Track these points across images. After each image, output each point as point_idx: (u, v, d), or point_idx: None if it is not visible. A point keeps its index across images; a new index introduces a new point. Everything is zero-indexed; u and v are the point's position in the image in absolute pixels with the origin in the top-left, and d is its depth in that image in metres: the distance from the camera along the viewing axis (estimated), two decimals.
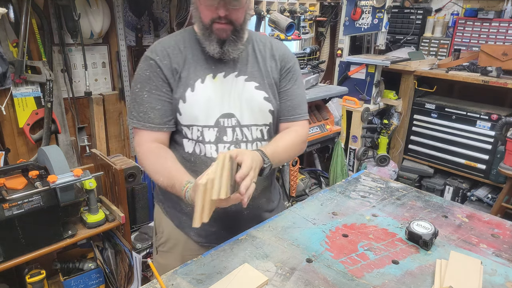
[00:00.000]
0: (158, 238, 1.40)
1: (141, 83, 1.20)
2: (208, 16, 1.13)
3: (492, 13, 3.29)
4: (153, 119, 1.19)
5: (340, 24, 3.35)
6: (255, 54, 1.27)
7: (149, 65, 1.20)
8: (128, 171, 2.08)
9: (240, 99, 1.22)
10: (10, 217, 1.52)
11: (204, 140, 1.20)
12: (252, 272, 0.95)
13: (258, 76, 1.25)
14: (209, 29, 1.15)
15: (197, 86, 1.19)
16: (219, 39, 1.16)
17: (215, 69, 1.21)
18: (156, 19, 2.48)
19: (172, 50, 1.20)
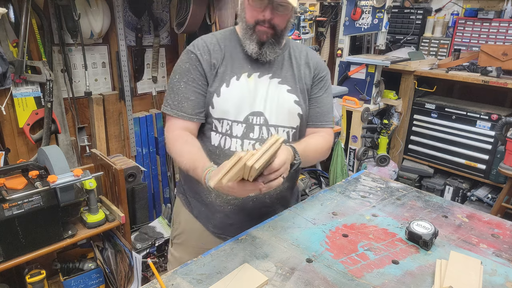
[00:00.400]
0: (174, 229, 1.48)
1: (179, 74, 1.27)
2: (253, 17, 1.20)
3: (492, 13, 3.29)
4: (186, 109, 1.25)
5: (340, 24, 3.35)
6: (290, 59, 1.34)
7: (189, 58, 1.27)
8: (128, 171, 2.08)
9: (271, 100, 1.28)
10: (10, 217, 1.52)
11: (232, 134, 1.26)
12: (252, 272, 0.95)
13: (291, 80, 1.32)
14: (252, 29, 1.22)
15: (232, 83, 1.25)
16: (259, 41, 1.22)
17: (251, 69, 1.28)
18: (156, 19, 2.48)
19: (213, 47, 1.28)
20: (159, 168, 2.76)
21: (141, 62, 2.51)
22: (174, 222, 1.49)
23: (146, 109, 2.64)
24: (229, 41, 1.31)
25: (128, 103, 2.43)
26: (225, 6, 2.33)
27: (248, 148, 1.25)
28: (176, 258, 1.45)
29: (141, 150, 2.61)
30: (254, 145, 1.26)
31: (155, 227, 2.35)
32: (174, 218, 1.49)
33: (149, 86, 2.61)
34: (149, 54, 2.53)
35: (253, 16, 1.20)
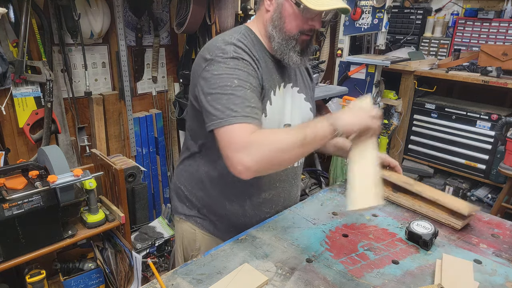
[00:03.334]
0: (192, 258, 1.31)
1: (239, 79, 1.03)
2: (298, 27, 1.11)
3: (492, 13, 3.29)
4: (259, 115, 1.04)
5: (340, 24, 3.35)
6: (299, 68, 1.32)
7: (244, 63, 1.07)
8: (128, 171, 2.08)
9: (295, 111, 1.26)
10: (10, 217, 1.52)
11: None
12: (252, 272, 0.95)
13: (304, 88, 1.31)
14: (295, 39, 1.13)
15: (273, 99, 1.17)
16: (301, 49, 1.15)
17: (279, 79, 1.21)
18: (156, 19, 2.48)
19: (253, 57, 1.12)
20: (159, 168, 2.76)
21: (141, 62, 2.51)
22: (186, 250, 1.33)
23: (146, 109, 2.64)
24: (257, 48, 1.17)
25: (128, 103, 2.42)
26: (225, 6, 2.33)
27: None
28: None
29: (141, 150, 2.61)
30: None
31: (155, 227, 2.36)
32: (186, 246, 1.33)
33: (149, 86, 2.61)
34: (149, 54, 2.53)
35: (298, 26, 1.11)
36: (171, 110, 2.70)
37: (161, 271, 2.27)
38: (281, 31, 1.13)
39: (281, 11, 1.12)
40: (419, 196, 1.32)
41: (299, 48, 1.14)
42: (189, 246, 1.33)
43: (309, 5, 1.04)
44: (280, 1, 1.12)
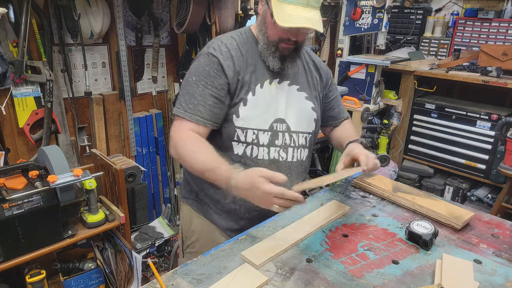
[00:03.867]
0: (186, 239, 1.41)
1: (197, 76, 1.21)
2: (277, 35, 1.18)
3: (492, 13, 3.29)
4: (202, 113, 1.19)
5: (340, 24, 3.35)
6: (304, 66, 1.37)
7: (211, 61, 1.21)
8: (128, 171, 2.08)
9: (292, 107, 1.30)
10: (10, 217, 1.52)
11: (258, 143, 1.25)
12: (252, 272, 0.95)
13: (307, 87, 1.35)
14: (275, 46, 1.20)
15: (257, 91, 1.24)
16: (282, 56, 1.22)
17: (271, 75, 1.27)
18: (156, 19, 2.48)
19: (235, 53, 1.23)
20: (159, 168, 2.76)
21: (141, 62, 2.51)
22: (184, 231, 1.42)
23: (146, 109, 2.64)
24: (249, 46, 1.27)
25: (128, 103, 2.43)
26: (225, 6, 2.33)
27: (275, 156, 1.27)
28: None
29: (141, 150, 2.61)
30: (279, 152, 1.28)
31: (155, 227, 2.35)
32: (185, 227, 1.42)
33: (149, 86, 2.61)
34: (149, 54, 2.53)
35: (276, 34, 1.18)
36: (171, 110, 2.70)
37: (161, 271, 2.27)
38: (264, 36, 1.22)
39: (264, 17, 1.20)
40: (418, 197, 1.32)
41: (279, 54, 1.22)
42: (186, 228, 1.41)
43: (277, 20, 1.11)
44: (264, 8, 1.20)
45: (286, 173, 1.30)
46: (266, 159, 1.26)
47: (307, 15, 1.11)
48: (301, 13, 1.10)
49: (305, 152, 1.37)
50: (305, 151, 1.36)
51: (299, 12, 1.10)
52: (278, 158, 1.28)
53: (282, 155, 1.29)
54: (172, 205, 2.81)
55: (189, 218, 1.40)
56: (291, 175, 1.33)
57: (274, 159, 1.28)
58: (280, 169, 1.30)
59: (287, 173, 1.31)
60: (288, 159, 1.31)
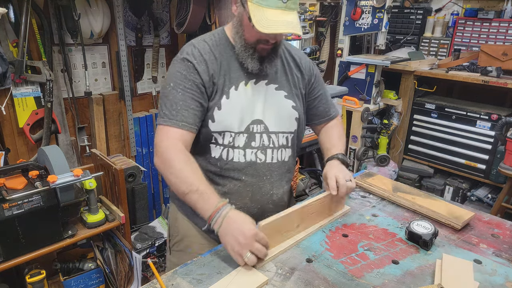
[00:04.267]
0: (172, 236, 1.41)
1: (174, 81, 1.19)
2: (255, 37, 1.16)
3: (492, 13, 3.29)
4: (186, 118, 1.16)
5: (340, 24, 3.35)
6: (283, 64, 1.33)
7: (186, 65, 1.20)
8: (128, 171, 2.08)
9: (270, 107, 1.27)
10: (10, 217, 1.52)
11: (234, 145, 1.23)
12: (252, 272, 0.95)
13: (287, 85, 1.32)
14: (253, 48, 1.18)
15: (232, 94, 1.22)
16: (260, 57, 1.20)
17: (247, 76, 1.25)
18: (156, 19, 2.48)
19: (209, 57, 1.21)
20: None
21: (141, 62, 2.51)
22: (171, 229, 1.43)
23: (146, 109, 2.64)
24: (222, 48, 1.25)
25: (128, 103, 2.43)
26: (225, 6, 2.33)
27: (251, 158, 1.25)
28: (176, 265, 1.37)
29: (141, 150, 2.61)
30: (256, 153, 1.26)
31: (155, 227, 2.35)
32: (171, 225, 1.42)
33: (149, 86, 2.61)
34: (149, 54, 2.53)
35: (255, 37, 1.16)
36: None
37: (161, 271, 2.27)
38: (240, 38, 1.19)
39: (241, 20, 1.18)
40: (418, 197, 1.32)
41: (257, 55, 1.20)
42: (173, 227, 1.41)
43: (257, 26, 1.08)
44: (240, 10, 1.17)
45: (266, 175, 1.29)
46: (242, 161, 1.24)
47: (287, 18, 1.09)
48: (280, 17, 1.08)
49: (287, 152, 1.33)
50: (287, 151, 1.33)
51: (279, 17, 1.08)
52: (255, 160, 1.25)
53: (260, 157, 1.26)
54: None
55: (175, 217, 1.40)
56: (272, 177, 1.30)
57: (251, 161, 1.25)
58: (259, 171, 1.27)
59: (267, 175, 1.29)
60: (267, 160, 1.28)
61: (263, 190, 1.29)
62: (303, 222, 1.15)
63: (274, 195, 1.31)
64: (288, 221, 1.09)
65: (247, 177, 1.26)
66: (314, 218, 1.19)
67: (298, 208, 1.11)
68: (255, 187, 1.27)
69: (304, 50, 3.04)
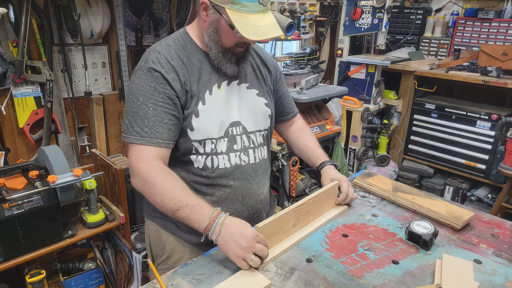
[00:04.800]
0: (157, 257, 1.33)
1: (144, 95, 1.10)
2: (233, 42, 1.12)
3: (492, 13, 3.29)
4: (161, 134, 1.09)
5: (340, 24, 3.35)
6: (250, 62, 1.29)
7: (154, 76, 1.11)
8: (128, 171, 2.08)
9: (245, 107, 1.25)
10: (10, 217, 1.52)
11: (217, 152, 1.19)
12: (254, 275, 0.94)
13: (257, 84, 1.30)
14: (230, 52, 1.15)
15: (207, 98, 1.17)
16: (237, 59, 1.18)
17: (219, 78, 1.20)
18: (156, 19, 2.48)
19: (176, 63, 1.14)
20: None
21: None
22: (153, 249, 1.33)
23: None
24: (189, 51, 1.18)
25: None
26: None
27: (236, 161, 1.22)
28: None
29: None
30: (240, 156, 1.23)
31: None
32: (154, 245, 1.33)
33: None
34: None
35: (232, 41, 1.11)
36: None
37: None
38: (217, 44, 1.13)
39: (217, 27, 1.11)
40: (418, 197, 1.32)
41: (235, 59, 1.17)
42: (155, 246, 1.33)
43: (243, 33, 1.03)
44: (215, 17, 1.09)
45: (252, 176, 1.27)
46: (228, 166, 1.21)
47: (269, 21, 1.07)
48: (263, 22, 1.06)
49: (265, 149, 1.33)
50: (264, 148, 1.33)
51: (262, 21, 1.05)
52: (240, 162, 1.23)
53: (244, 159, 1.24)
54: None
55: (157, 236, 1.31)
56: (257, 177, 1.29)
57: (237, 165, 1.23)
58: (245, 173, 1.25)
59: (253, 176, 1.27)
60: (251, 161, 1.26)
61: (252, 192, 1.28)
62: (298, 221, 1.15)
63: (261, 194, 1.31)
64: (284, 221, 1.09)
65: (235, 181, 1.23)
66: (308, 217, 1.19)
67: (294, 207, 1.11)
68: (244, 190, 1.26)
69: (304, 50, 3.04)
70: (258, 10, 1.05)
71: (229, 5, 1.03)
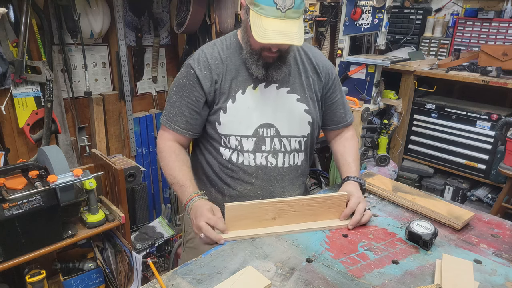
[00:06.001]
0: (187, 234, 1.46)
1: (177, 87, 1.28)
2: (259, 45, 1.15)
3: (492, 13, 3.29)
4: (179, 123, 1.28)
5: (340, 24, 3.35)
6: (297, 66, 1.31)
7: (187, 73, 1.26)
8: (128, 171, 2.08)
9: (281, 111, 1.27)
10: (10, 217, 1.52)
11: (243, 149, 1.25)
12: (255, 275, 0.94)
13: (300, 89, 1.30)
14: (258, 54, 1.18)
15: (238, 97, 1.23)
16: (266, 63, 1.19)
17: (256, 79, 1.24)
18: (156, 19, 2.48)
19: (214, 61, 1.25)
20: (159, 168, 2.76)
21: (141, 62, 2.51)
22: (186, 226, 1.47)
23: (146, 109, 2.64)
24: (232, 51, 1.26)
25: (128, 103, 2.43)
26: (225, 6, 2.33)
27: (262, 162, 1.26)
28: None
29: (141, 150, 2.61)
30: (266, 157, 1.26)
31: (155, 227, 2.35)
32: (186, 221, 1.46)
33: (149, 86, 2.61)
34: (149, 54, 2.53)
35: (258, 44, 1.14)
36: None
37: (161, 271, 2.27)
38: (246, 44, 1.21)
39: (246, 27, 1.17)
40: (418, 197, 1.32)
41: (262, 62, 1.19)
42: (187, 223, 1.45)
43: (254, 34, 1.08)
44: (245, 17, 1.16)
45: (277, 179, 1.30)
46: (252, 165, 1.26)
47: (284, 28, 1.06)
48: (278, 27, 1.06)
49: (300, 156, 1.33)
50: (300, 155, 1.33)
51: (276, 26, 1.06)
52: (266, 164, 1.27)
53: (271, 161, 1.27)
54: (172, 205, 2.81)
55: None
56: (283, 181, 1.31)
57: (261, 165, 1.27)
58: (269, 175, 1.28)
59: (279, 179, 1.30)
60: (279, 164, 1.28)
61: (274, 194, 1.30)
62: (280, 217, 1.13)
63: None
64: (259, 210, 1.10)
65: (257, 180, 1.28)
66: (297, 218, 1.15)
67: (274, 201, 1.12)
68: (265, 190, 1.29)
69: None
70: (275, 15, 1.06)
71: (252, 6, 1.09)
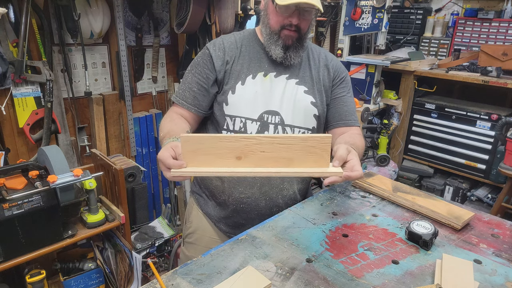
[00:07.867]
0: (186, 228, 1.51)
1: (192, 65, 1.36)
2: (279, 22, 1.23)
3: (492, 13, 3.29)
4: (187, 98, 1.32)
5: (340, 24, 3.35)
6: (308, 61, 1.37)
7: (203, 53, 1.34)
8: (128, 171, 2.08)
9: (288, 100, 1.30)
10: (10, 217, 1.51)
11: (246, 132, 1.29)
12: (255, 275, 0.94)
13: (309, 81, 1.34)
14: (277, 34, 1.25)
15: (248, 81, 1.29)
16: (285, 45, 1.25)
17: (268, 68, 1.31)
18: (156, 19, 2.48)
19: (229, 45, 1.32)
20: (159, 168, 2.76)
21: (141, 62, 2.51)
22: (186, 221, 1.52)
23: (146, 109, 2.64)
24: (247, 40, 1.34)
25: (128, 103, 2.43)
26: (225, 6, 2.33)
27: None
28: (188, 257, 1.47)
29: (141, 150, 2.61)
30: None
31: (155, 227, 2.36)
32: (186, 217, 1.52)
33: (149, 86, 2.61)
34: (149, 54, 2.53)
35: (278, 22, 1.23)
36: None
37: (161, 271, 2.27)
38: (266, 27, 1.28)
39: (266, 9, 1.27)
40: (418, 197, 1.32)
41: (281, 43, 1.25)
42: (188, 216, 1.52)
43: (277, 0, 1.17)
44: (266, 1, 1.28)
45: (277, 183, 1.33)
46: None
47: None
48: None
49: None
50: None
51: None
52: None
53: None
54: (172, 205, 2.81)
55: (190, 209, 1.51)
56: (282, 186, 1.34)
57: None
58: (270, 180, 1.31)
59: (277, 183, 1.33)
60: None
61: (272, 183, 1.32)
62: (247, 157, 0.95)
63: (284, 190, 1.34)
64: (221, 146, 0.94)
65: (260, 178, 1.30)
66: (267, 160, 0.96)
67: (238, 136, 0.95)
68: (263, 177, 1.31)
69: None
70: None
71: None
